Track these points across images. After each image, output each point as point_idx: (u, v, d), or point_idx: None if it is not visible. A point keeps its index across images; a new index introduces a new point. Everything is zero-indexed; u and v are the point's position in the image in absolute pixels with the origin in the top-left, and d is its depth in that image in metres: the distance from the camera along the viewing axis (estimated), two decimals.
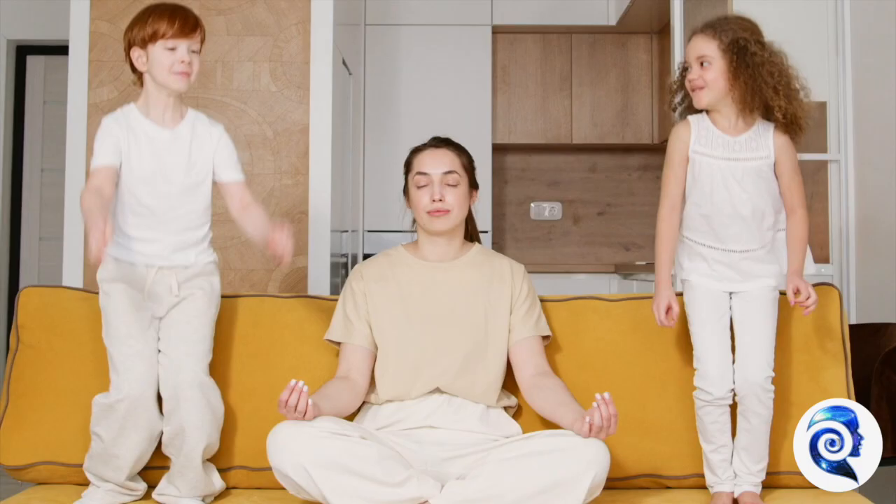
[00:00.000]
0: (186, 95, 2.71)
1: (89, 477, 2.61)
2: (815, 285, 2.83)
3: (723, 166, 2.55)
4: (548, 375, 2.66)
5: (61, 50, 4.73)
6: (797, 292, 2.53)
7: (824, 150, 4.29)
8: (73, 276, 4.08)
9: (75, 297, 2.84)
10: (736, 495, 2.58)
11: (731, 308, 2.60)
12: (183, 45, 2.59)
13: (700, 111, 2.61)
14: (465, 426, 2.59)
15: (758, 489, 2.57)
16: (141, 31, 2.59)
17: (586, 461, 2.31)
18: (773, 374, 2.54)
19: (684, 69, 2.63)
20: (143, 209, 2.59)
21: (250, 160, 4.17)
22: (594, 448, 2.33)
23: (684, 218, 2.63)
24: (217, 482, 2.64)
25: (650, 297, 2.88)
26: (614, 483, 2.58)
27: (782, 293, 2.64)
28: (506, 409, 2.70)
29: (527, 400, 2.67)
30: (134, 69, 2.65)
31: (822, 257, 4.34)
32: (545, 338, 2.75)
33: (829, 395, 2.65)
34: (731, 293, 2.60)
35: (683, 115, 2.66)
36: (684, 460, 2.67)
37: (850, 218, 4.16)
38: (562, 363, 2.78)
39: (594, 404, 2.35)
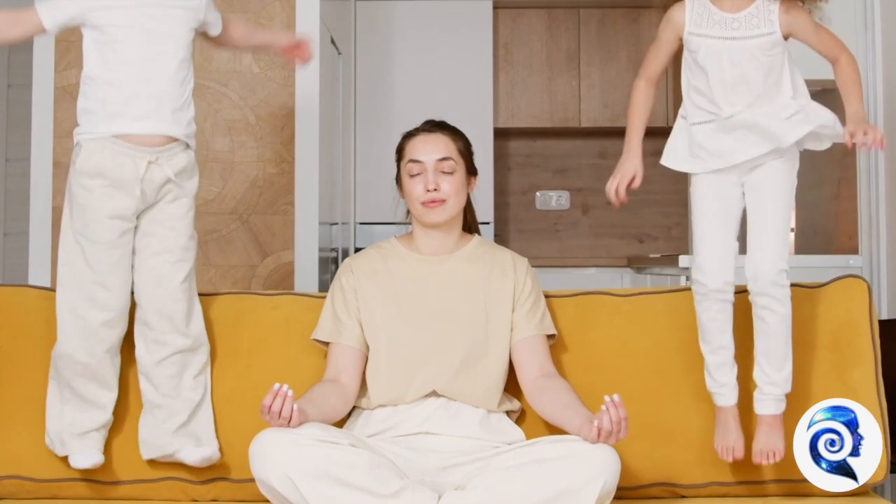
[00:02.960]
0: None
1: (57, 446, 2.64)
2: (841, 277, 2.84)
3: (719, 46, 2.53)
4: (553, 377, 2.67)
5: None
6: (852, 135, 2.47)
7: None
8: (39, 274, 4.08)
9: (42, 297, 2.84)
10: (757, 412, 2.58)
11: (744, 199, 2.59)
12: None
13: None
14: (463, 432, 2.59)
15: (780, 405, 2.56)
16: None
17: (595, 469, 2.31)
18: (786, 267, 2.54)
19: None
20: (133, 68, 2.58)
21: (231, 147, 4.18)
22: (603, 455, 2.33)
23: (686, 108, 2.63)
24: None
25: (665, 292, 2.89)
26: (625, 492, 2.58)
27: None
28: (508, 413, 2.71)
29: (530, 403, 2.68)
30: None
31: (850, 247, 4.34)
32: (550, 336, 2.75)
33: (858, 396, 2.65)
34: (742, 184, 2.59)
35: None
36: (701, 468, 2.67)
37: (881, 205, 4.15)
38: (568, 363, 2.78)
39: (603, 407, 2.35)
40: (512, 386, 2.73)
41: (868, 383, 2.71)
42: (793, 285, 2.60)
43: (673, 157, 2.68)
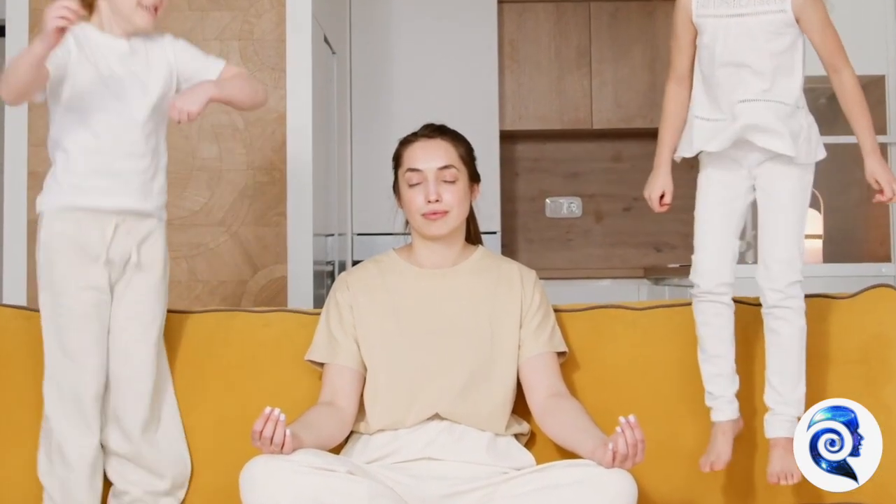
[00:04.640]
0: None
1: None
2: (872, 287, 2.83)
3: (729, 23, 2.55)
4: (564, 397, 2.67)
5: None
6: (878, 183, 2.53)
7: (883, 131, 4.30)
8: (14, 291, 4.09)
9: (16, 317, 2.85)
10: (768, 435, 2.58)
11: (754, 194, 2.62)
12: None
13: None
14: (469, 457, 2.59)
15: (793, 428, 2.56)
16: None
17: (610, 495, 2.31)
18: (800, 278, 2.55)
19: None
20: (99, 138, 2.60)
21: (219, 154, 4.19)
22: (619, 480, 2.33)
23: (693, 99, 2.65)
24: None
25: (683, 305, 2.89)
26: None
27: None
28: (516, 436, 2.70)
29: (540, 425, 2.68)
30: None
31: (882, 255, 4.35)
32: (561, 354, 2.75)
33: (891, 414, 2.66)
34: (753, 178, 2.61)
35: None
36: (723, 492, 2.67)
37: None
38: (580, 382, 2.79)
39: (618, 429, 2.35)
40: (520, 407, 2.73)
41: None
42: (820, 296, 2.60)
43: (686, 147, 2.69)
